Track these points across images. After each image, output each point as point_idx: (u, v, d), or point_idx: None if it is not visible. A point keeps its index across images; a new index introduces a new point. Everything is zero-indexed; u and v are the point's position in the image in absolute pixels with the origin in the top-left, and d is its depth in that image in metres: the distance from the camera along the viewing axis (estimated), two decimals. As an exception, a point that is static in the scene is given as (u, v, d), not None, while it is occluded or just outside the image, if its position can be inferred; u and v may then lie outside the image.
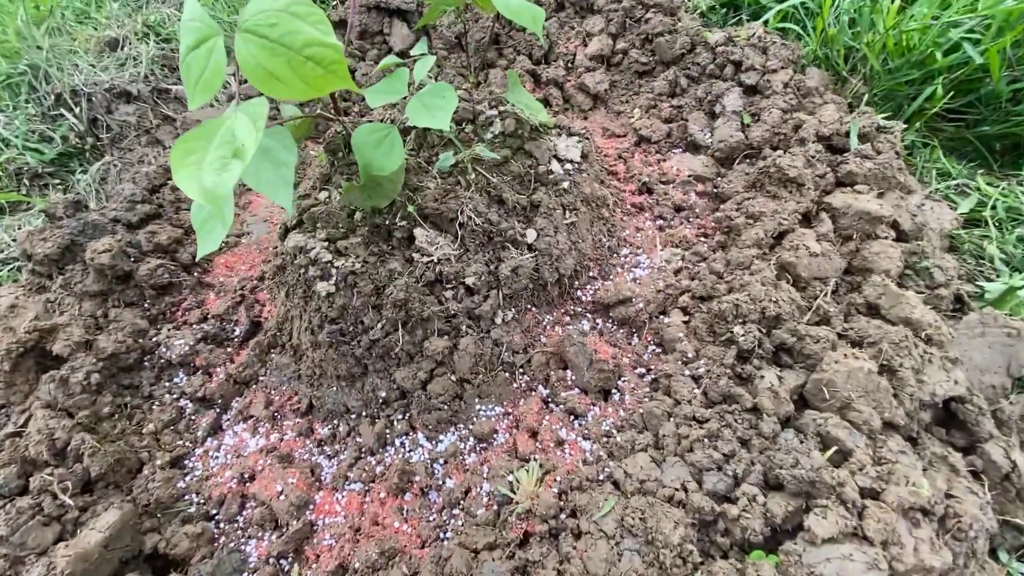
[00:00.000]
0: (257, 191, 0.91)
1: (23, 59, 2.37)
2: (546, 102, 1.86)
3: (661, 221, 1.44)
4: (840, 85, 1.62)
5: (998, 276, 1.27)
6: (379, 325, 1.17)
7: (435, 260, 1.18)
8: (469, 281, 1.16)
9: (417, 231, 1.19)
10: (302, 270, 1.20)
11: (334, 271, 1.17)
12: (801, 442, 0.83)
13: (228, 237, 1.69)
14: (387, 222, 1.24)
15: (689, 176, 1.49)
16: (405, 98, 1.10)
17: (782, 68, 1.52)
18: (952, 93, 1.54)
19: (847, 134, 1.35)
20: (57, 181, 2.19)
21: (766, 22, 1.73)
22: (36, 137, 2.20)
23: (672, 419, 0.93)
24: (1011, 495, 0.85)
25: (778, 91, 1.48)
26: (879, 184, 1.23)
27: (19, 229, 1.93)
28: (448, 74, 2.07)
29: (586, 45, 1.88)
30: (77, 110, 2.26)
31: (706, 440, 0.86)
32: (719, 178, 1.48)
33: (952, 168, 1.48)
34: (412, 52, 1.23)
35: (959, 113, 1.60)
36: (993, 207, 1.37)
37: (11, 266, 1.78)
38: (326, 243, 1.21)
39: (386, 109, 1.57)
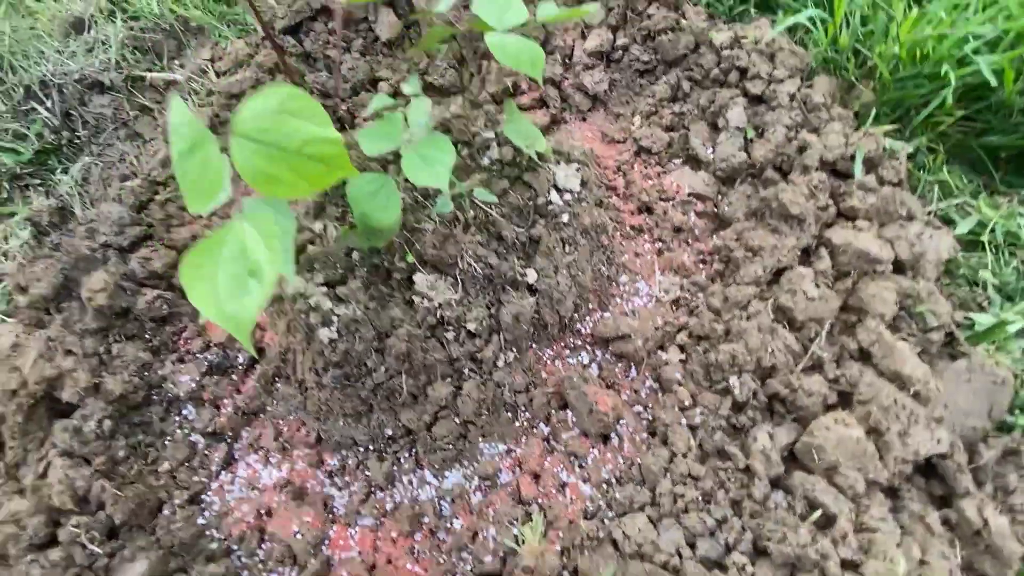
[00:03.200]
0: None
1: (-16, 47, 2.23)
2: (543, 102, 1.79)
3: (660, 244, 1.43)
4: (847, 91, 1.56)
5: (990, 304, 1.29)
6: (382, 368, 1.19)
7: (436, 305, 1.18)
8: (471, 327, 1.17)
9: (417, 276, 1.19)
10: (303, 315, 1.20)
11: (335, 319, 1.17)
12: (789, 507, 0.89)
13: (222, 254, 1.67)
14: (385, 263, 1.23)
15: (689, 195, 1.47)
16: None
17: (789, 78, 1.46)
18: (961, 99, 1.50)
19: (852, 157, 1.33)
20: (37, 181, 2.12)
21: (774, 21, 1.64)
22: (10, 135, 2.10)
23: (668, 475, 0.99)
24: (980, 549, 0.92)
25: (784, 104, 1.43)
26: (881, 218, 1.23)
27: (6, 240, 1.89)
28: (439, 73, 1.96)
29: (584, 38, 1.78)
30: (49, 103, 2.16)
31: (700, 499, 0.92)
32: (719, 197, 1.46)
33: (955, 185, 1.46)
34: (404, 89, 1.17)
35: (967, 119, 1.56)
36: (992, 230, 1.37)
37: (4, 283, 1.75)
38: (325, 288, 1.20)
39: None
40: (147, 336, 1.41)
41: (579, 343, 1.30)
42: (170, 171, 1.74)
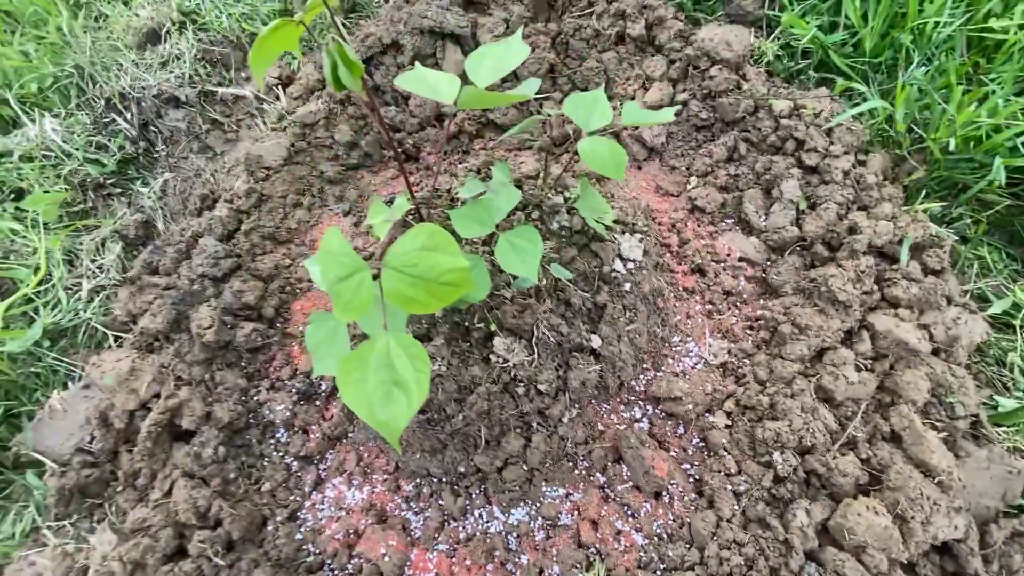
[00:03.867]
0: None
1: (67, 59, 2.35)
2: (602, 149, 1.88)
3: (710, 306, 1.55)
4: (899, 163, 1.64)
5: (1015, 386, 1.41)
6: (460, 416, 1.35)
7: (511, 365, 1.33)
8: (542, 387, 1.32)
9: (496, 340, 1.33)
10: (392, 366, 1.35)
11: (423, 373, 1.33)
12: (821, 579, 1.04)
13: (301, 282, 1.82)
14: (465, 322, 1.37)
15: (740, 259, 1.57)
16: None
17: (844, 154, 1.54)
18: (1008, 175, 1.57)
19: (900, 241, 1.42)
20: (119, 190, 2.27)
21: (832, 83, 1.70)
22: (93, 147, 2.24)
23: (715, 539, 1.14)
24: (982, 624, 1.07)
25: (837, 180, 1.52)
26: (921, 306, 1.33)
27: (97, 252, 2.05)
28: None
29: (646, 90, 1.85)
30: (128, 115, 2.28)
31: (743, 565, 1.08)
32: (768, 263, 1.57)
33: (993, 263, 1.55)
34: (493, 174, 1.28)
35: (1013, 194, 1.63)
36: (1024, 314, 1.47)
37: (102, 295, 1.93)
38: (413, 343, 1.35)
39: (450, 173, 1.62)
40: (243, 364, 1.58)
41: (633, 399, 1.44)
42: (253, 200, 1.87)
